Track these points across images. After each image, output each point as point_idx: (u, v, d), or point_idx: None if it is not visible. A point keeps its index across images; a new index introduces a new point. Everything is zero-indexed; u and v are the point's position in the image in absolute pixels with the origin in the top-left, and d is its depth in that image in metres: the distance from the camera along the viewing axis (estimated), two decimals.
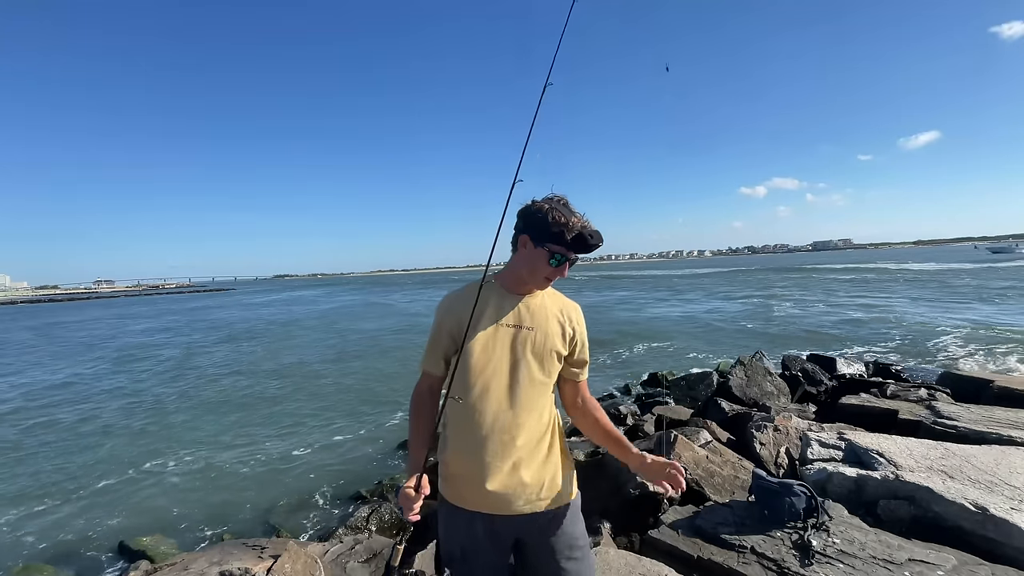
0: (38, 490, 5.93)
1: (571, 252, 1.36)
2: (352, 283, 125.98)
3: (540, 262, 1.37)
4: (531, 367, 1.40)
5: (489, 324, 1.41)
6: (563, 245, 1.34)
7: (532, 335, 1.41)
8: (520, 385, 1.39)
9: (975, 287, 25.47)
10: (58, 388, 11.87)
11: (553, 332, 1.43)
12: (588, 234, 1.35)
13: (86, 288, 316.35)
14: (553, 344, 1.43)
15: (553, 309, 1.47)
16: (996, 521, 2.31)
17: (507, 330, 1.41)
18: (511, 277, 1.45)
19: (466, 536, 1.39)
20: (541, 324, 1.43)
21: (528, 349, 1.40)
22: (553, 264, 1.37)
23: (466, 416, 1.39)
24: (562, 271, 1.40)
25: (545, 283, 1.43)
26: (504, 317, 1.42)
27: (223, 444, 7.28)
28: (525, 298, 1.45)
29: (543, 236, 1.35)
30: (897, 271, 45.33)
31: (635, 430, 5.50)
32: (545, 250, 1.35)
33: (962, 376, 5.52)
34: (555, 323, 1.45)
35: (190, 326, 27.00)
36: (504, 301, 1.44)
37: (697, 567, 2.35)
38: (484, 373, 1.38)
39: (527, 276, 1.41)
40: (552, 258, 1.36)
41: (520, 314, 1.43)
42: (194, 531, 4.82)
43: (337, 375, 11.98)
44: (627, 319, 19.87)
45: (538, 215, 1.36)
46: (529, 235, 1.38)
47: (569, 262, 1.39)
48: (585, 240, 1.34)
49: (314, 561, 2.82)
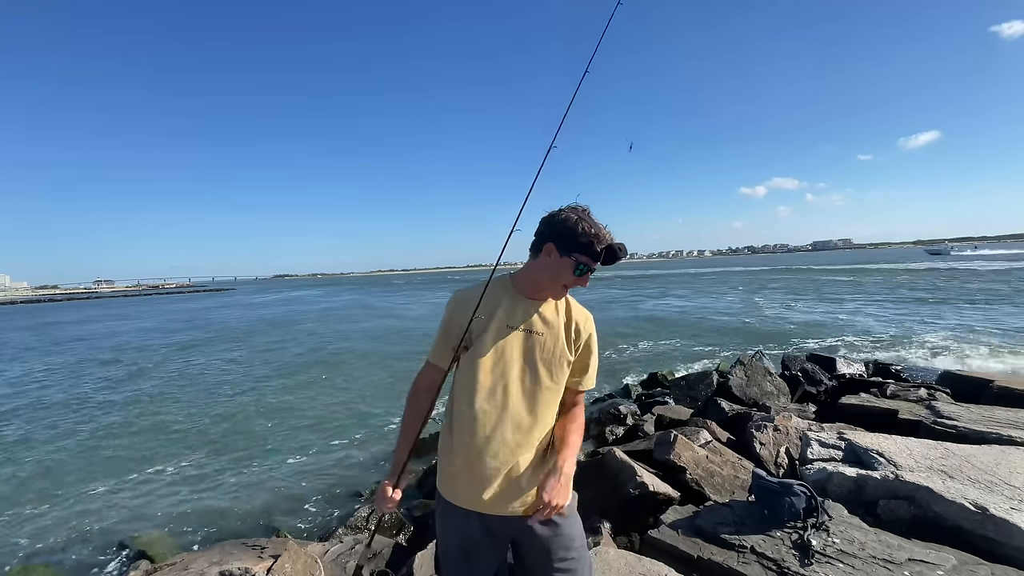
0: (38, 490, 5.93)
1: (597, 263, 1.35)
2: (352, 283, 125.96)
3: (565, 271, 1.37)
4: (540, 373, 1.41)
5: (501, 326, 1.41)
6: (590, 256, 1.34)
7: (543, 340, 1.42)
8: (528, 390, 1.40)
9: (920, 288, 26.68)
10: (59, 388, 11.87)
11: (564, 339, 1.44)
12: (617, 247, 1.35)
13: (86, 288, 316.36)
14: (563, 351, 1.43)
15: (565, 316, 1.47)
16: (996, 521, 2.31)
17: (519, 334, 1.41)
18: (528, 281, 1.44)
19: (463, 534, 1.40)
20: (553, 330, 1.43)
21: (538, 355, 1.41)
22: (577, 274, 1.37)
23: (471, 416, 1.39)
24: (584, 281, 1.39)
25: (563, 291, 1.43)
26: (516, 320, 1.42)
27: (223, 444, 7.28)
28: (539, 303, 1.45)
29: (570, 246, 1.34)
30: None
31: (635, 430, 5.50)
32: (571, 260, 1.35)
33: (962, 376, 5.52)
34: (566, 330, 1.45)
35: (190, 326, 27.00)
36: (518, 304, 1.44)
37: (697, 567, 2.35)
38: (492, 375, 1.39)
39: (546, 283, 1.41)
40: (577, 268, 1.35)
41: (533, 319, 1.43)
42: (194, 531, 4.82)
43: (337, 375, 11.98)
44: (625, 319, 19.87)
45: (567, 224, 1.35)
46: (555, 243, 1.36)
47: (591, 271, 1.38)
48: (615, 253, 1.34)
49: (314, 561, 2.82)
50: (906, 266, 52.62)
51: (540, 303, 1.45)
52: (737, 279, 44.66)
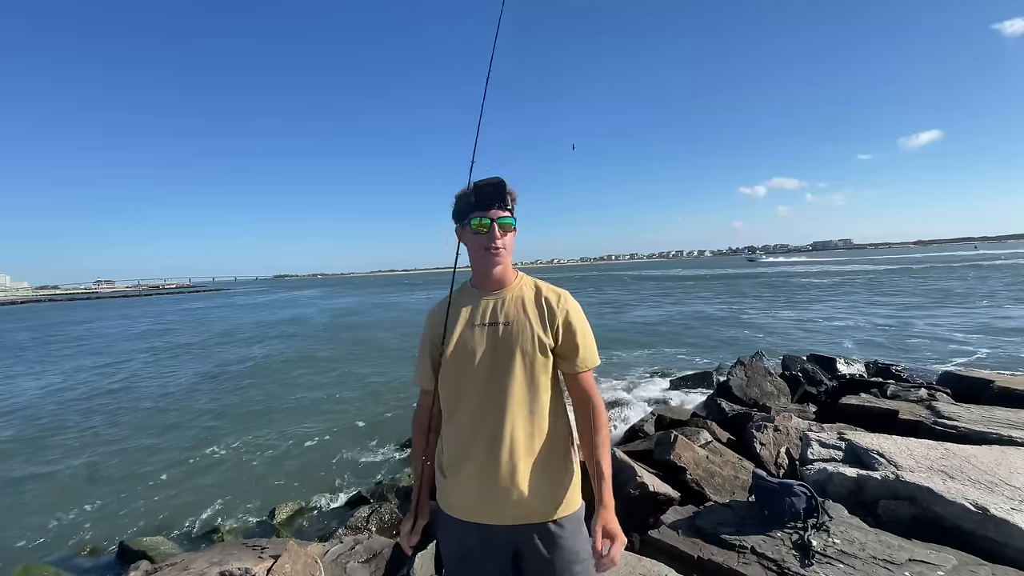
0: (37, 490, 5.93)
1: (478, 209, 1.33)
2: (350, 283, 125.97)
3: (467, 237, 1.38)
4: (513, 365, 1.31)
5: (462, 327, 1.37)
6: (468, 206, 1.34)
7: (509, 330, 1.34)
8: (502, 385, 1.31)
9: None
10: (59, 389, 11.88)
11: (531, 323, 1.34)
12: (484, 183, 1.33)
13: (86, 288, 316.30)
14: (533, 336, 1.33)
15: (530, 298, 1.39)
16: (996, 521, 2.31)
17: (481, 329, 1.35)
18: (475, 274, 1.44)
19: (462, 547, 1.35)
20: (517, 317, 1.35)
21: (508, 346, 1.32)
22: (473, 231, 1.34)
23: (453, 424, 1.36)
24: (491, 236, 1.33)
25: (489, 257, 1.35)
26: (476, 317, 1.37)
27: (222, 445, 7.27)
28: (498, 292, 1.40)
29: (459, 214, 1.39)
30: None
31: (635, 430, 5.50)
32: (465, 224, 1.36)
33: (962, 376, 5.52)
34: (533, 312, 1.36)
35: (187, 326, 27.00)
36: (475, 301, 1.40)
37: (697, 567, 2.35)
38: (463, 378, 1.34)
39: (475, 261, 1.39)
40: (469, 224, 1.34)
41: (493, 310, 1.37)
42: (194, 531, 4.83)
43: (336, 376, 11.98)
44: (623, 319, 19.86)
45: (455, 203, 1.40)
46: (456, 223, 1.41)
47: (494, 222, 1.32)
48: (482, 189, 1.32)
49: (314, 561, 2.82)
50: (730, 271, 57.49)
51: (502, 293, 1.40)
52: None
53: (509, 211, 1.35)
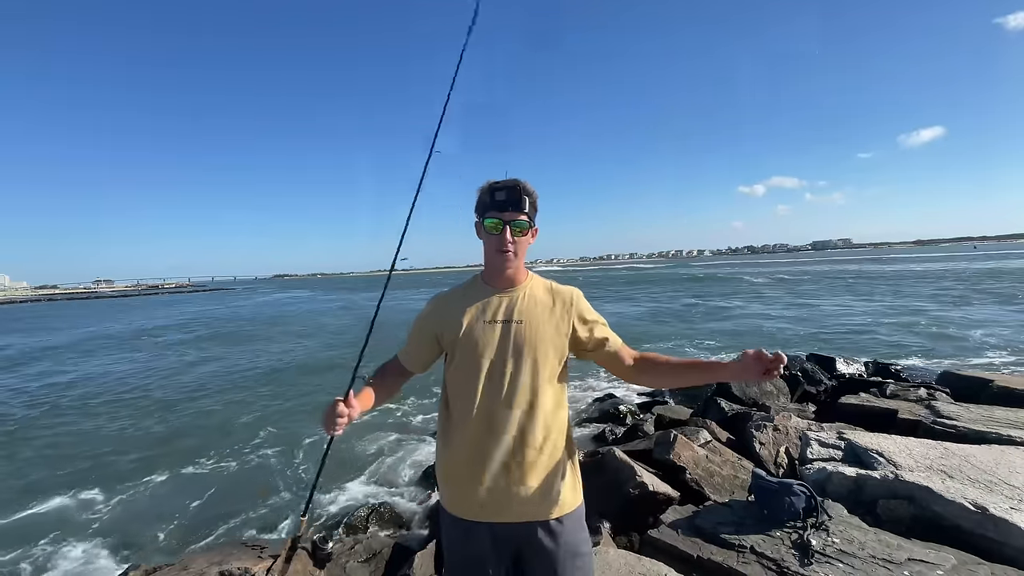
0: (36, 490, 5.92)
1: (493, 210, 1.33)
2: (350, 283, 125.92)
3: (483, 234, 1.38)
4: (525, 363, 1.33)
5: (476, 323, 1.36)
6: (485, 205, 1.35)
7: (522, 328, 1.34)
8: (513, 383, 1.32)
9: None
10: (61, 387, 11.87)
11: (546, 322, 1.36)
12: (501, 184, 1.34)
13: (85, 288, 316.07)
14: (548, 335, 1.35)
15: (543, 298, 1.40)
16: (995, 521, 2.31)
17: (493, 327, 1.35)
18: (487, 270, 1.43)
19: (467, 547, 1.34)
20: (531, 316, 1.36)
21: (521, 344, 1.33)
22: (488, 229, 1.35)
23: (460, 420, 1.35)
24: (503, 238, 1.33)
25: (501, 257, 1.35)
26: (490, 314, 1.37)
27: (222, 445, 7.27)
28: (510, 291, 1.40)
29: (479, 209, 1.39)
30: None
31: (635, 430, 5.50)
32: (481, 220, 1.37)
33: (962, 376, 5.52)
34: (547, 312, 1.38)
35: (188, 325, 27.00)
36: (489, 297, 1.40)
37: (697, 567, 2.35)
38: (476, 374, 1.33)
39: (488, 258, 1.39)
40: (484, 222, 1.35)
41: (507, 308, 1.37)
42: (194, 531, 4.82)
43: (336, 376, 11.98)
44: (623, 319, 19.88)
45: (478, 196, 1.40)
46: (476, 217, 1.40)
47: (507, 225, 1.33)
48: (496, 191, 1.34)
49: (314, 561, 2.82)
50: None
51: (515, 291, 1.40)
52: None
53: (525, 214, 1.35)
